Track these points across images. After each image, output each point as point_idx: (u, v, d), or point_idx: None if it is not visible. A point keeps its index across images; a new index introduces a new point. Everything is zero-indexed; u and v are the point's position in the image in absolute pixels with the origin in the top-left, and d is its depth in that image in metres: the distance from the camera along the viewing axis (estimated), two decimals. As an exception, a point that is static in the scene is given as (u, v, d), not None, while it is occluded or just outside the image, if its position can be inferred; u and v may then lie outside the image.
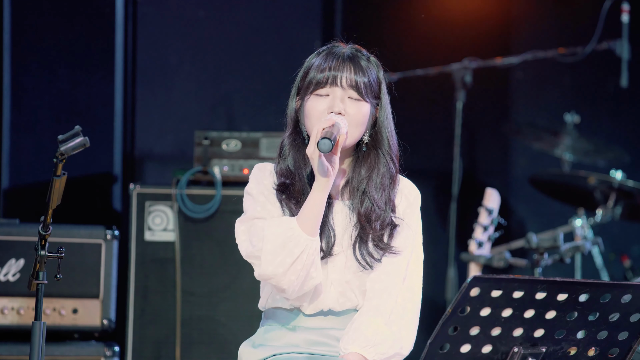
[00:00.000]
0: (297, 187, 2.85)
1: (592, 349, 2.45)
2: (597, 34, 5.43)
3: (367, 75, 2.85)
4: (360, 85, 2.83)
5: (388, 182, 2.88)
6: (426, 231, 2.96)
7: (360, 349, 2.77)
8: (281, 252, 2.75)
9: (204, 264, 4.75)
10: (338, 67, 2.84)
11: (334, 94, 2.83)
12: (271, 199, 2.86)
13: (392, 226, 2.86)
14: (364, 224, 2.84)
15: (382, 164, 2.88)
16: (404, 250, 2.87)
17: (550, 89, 6.17)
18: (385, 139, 2.89)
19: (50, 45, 5.33)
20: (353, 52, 2.89)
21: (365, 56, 2.90)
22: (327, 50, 2.90)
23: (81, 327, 4.57)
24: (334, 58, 2.85)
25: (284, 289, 2.78)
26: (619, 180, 5.23)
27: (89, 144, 2.67)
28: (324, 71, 2.84)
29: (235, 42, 5.71)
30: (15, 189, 5.25)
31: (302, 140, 2.89)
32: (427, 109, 6.03)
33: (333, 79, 2.83)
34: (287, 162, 2.88)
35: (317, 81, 2.84)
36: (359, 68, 2.85)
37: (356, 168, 2.89)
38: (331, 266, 2.85)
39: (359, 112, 2.83)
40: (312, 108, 2.84)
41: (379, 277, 2.84)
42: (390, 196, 2.88)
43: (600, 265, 5.56)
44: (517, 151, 6.17)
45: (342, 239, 2.86)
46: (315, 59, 2.88)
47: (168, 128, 5.64)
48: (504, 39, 6.14)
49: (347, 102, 2.83)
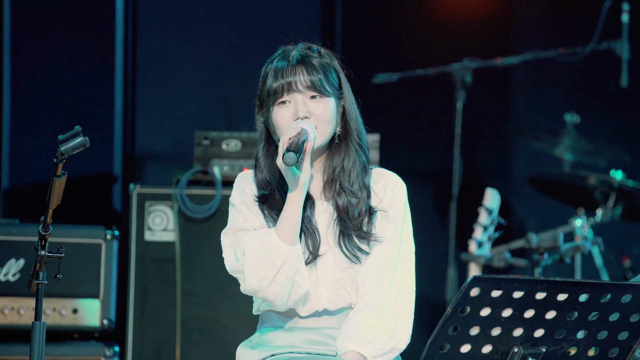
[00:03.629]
0: (277, 197, 2.86)
1: (592, 349, 2.45)
2: (597, 34, 5.43)
3: (321, 72, 2.83)
4: (317, 83, 2.82)
5: (360, 169, 2.88)
6: (426, 231, 2.97)
7: (357, 346, 2.78)
8: (264, 265, 2.76)
9: (204, 264, 4.75)
10: (289, 72, 2.82)
11: (295, 100, 2.82)
12: (252, 208, 2.87)
13: (370, 213, 2.86)
14: (343, 216, 2.85)
15: (352, 152, 2.88)
16: (388, 239, 2.86)
17: (550, 89, 6.18)
18: (352, 128, 2.89)
19: (50, 45, 5.33)
20: (303, 52, 2.87)
21: (315, 52, 2.88)
22: (279, 56, 2.87)
23: (81, 327, 4.57)
24: (284, 63, 2.84)
25: (272, 301, 2.80)
26: (619, 180, 5.23)
27: (89, 144, 2.67)
28: (278, 79, 2.83)
29: (235, 42, 5.71)
30: (15, 189, 5.25)
31: (275, 149, 2.88)
32: (427, 109, 6.03)
33: (288, 86, 2.82)
34: (264, 173, 2.89)
35: (274, 91, 2.83)
36: (311, 67, 2.83)
37: (330, 161, 2.89)
38: (320, 266, 2.85)
39: (325, 110, 2.83)
40: (279, 118, 2.83)
41: (369, 272, 2.84)
42: (365, 182, 2.88)
43: (600, 265, 5.56)
44: (517, 151, 6.17)
45: (327, 237, 2.86)
46: (269, 67, 2.87)
47: (168, 128, 5.64)
48: (504, 39, 6.14)
49: (310, 104, 2.82)
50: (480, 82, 5.58)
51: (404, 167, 2.98)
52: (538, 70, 6.07)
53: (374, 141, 4.75)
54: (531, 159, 6.10)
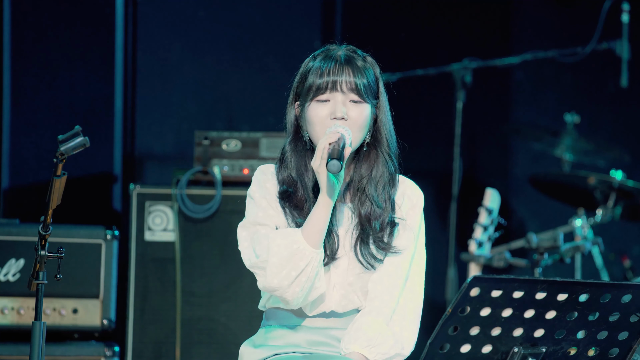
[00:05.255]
0: (300, 195, 2.84)
1: (592, 349, 2.45)
2: (597, 34, 5.43)
3: (365, 77, 2.83)
4: (361, 87, 2.81)
5: (387, 180, 2.87)
6: (426, 231, 2.96)
7: (362, 348, 2.77)
8: (287, 265, 2.74)
9: (204, 264, 4.75)
10: (336, 71, 2.81)
11: (335, 99, 2.80)
12: (273, 204, 2.84)
13: (392, 225, 2.85)
14: (365, 225, 2.84)
15: (382, 162, 2.87)
16: (405, 250, 2.86)
17: (550, 89, 6.18)
18: (384, 138, 2.88)
19: (50, 45, 5.32)
20: (349, 53, 2.86)
21: (361, 56, 2.88)
22: (323, 53, 2.86)
23: (81, 327, 4.57)
24: (331, 62, 2.82)
25: (288, 301, 2.78)
26: (619, 180, 5.23)
27: (89, 144, 2.67)
28: (323, 76, 2.80)
29: (235, 42, 5.71)
30: (15, 189, 5.25)
31: (303, 146, 2.86)
32: (427, 109, 6.03)
33: (333, 84, 2.80)
34: (289, 169, 2.86)
35: (316, 87, 2.81)
36: (357, 70, 2.82)
37: (357, 168, 2.87)
38: (334, 269, 2.84)
39: (361, 115, 2.81)
40: (314, 114, 2.81)
41: (381, 278, 2.84)
42: (390, 195, 2.87)
43: (600, 265, 5.56)
44: (517, 151, 6.17)
45: (344, 241, 2.85)
46: (312, 64, 2.85)
47: (168, 128, 5.64)
48: (504, 39, 6.14)
49: (349, 106, 2.81)
50: (480, 82, 5.58)
51: (404, 167, 2.97)
52: (538, 70, 6.07)
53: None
54: (531, 159, 6.10)
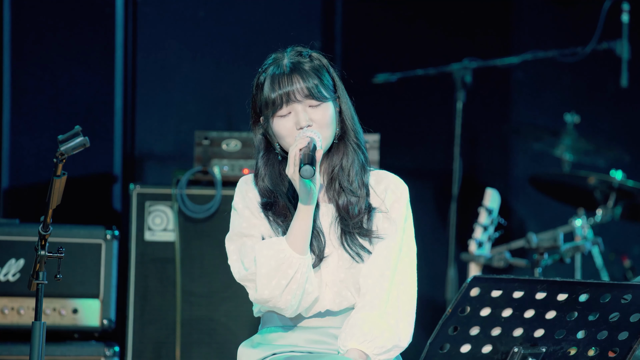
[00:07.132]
0: (281, 204, 2.85)
1: (592, 349, 2.45)
2: (597, 34, 5.43)
3: (316, 77, 2.82)
4: (315, 90, 2.80)
5: (359, 168, 2.88)
6: (426, 231, 2.97)
7: (359, 344, 2.78)
8: (275, 275, 2.75)
9: (204, 264, 4.75)
10: (286, 82, 2.80)
11: (295, 110, 2.81)
12: (256, 213, 2.86)
13: (369, 210, 2.86)
14: (344, 214, 2.85)
15: (350, 151, 2.88)
16: (389, 236, 2.86)
17: (550, 89, 6.18)
18: (349, 128, 2.89)
19: (50, 45, 5.32)
20: (294, 59, 2.84)
21: (307, 57, 2.86)
22: (270, 66, 2.84)
23: (81, 327, 4.57)
24: (279, 73, 2.81)
25: (282, 309, 2.80)
26: (619, 180, 5.23)
27: (89, 144, 2.67)
28: (275, 90, 2.80)
29: (235, 43, 5.71)
30: (15, 189, 5.25)
31: (275, 157, 2.89)
32: (427, 109, 6.03)
33: (287, 97, 2.80)
34: (265, 182, 2.88)
35: (272, 102, 2.80)
36: (306, 74, 2.81)
37: (329, 161, 2.89)
38: (324, 267, 2.85)
39: (325, 115, 2.82)
40: (281, 128, 2.82)
41: (370, 271, 2.84)
42: (363, 181, 2.88)
43: (600, 265, 5.56)
44: (517, 151, 6.17)
45: (330, 237, 2.86)
46: (262, 78, 2.84)
47: (168, 128, 5.64)
48: (504, 39, 6.14)
49: (310, 111, 2.81)
50: (480, 82, 5.58)
51: (404, 167, 2.98)
52: (538, 70, 6.07)
53: (374, 141, 4.75)
54: (531, 159, 6.10)
